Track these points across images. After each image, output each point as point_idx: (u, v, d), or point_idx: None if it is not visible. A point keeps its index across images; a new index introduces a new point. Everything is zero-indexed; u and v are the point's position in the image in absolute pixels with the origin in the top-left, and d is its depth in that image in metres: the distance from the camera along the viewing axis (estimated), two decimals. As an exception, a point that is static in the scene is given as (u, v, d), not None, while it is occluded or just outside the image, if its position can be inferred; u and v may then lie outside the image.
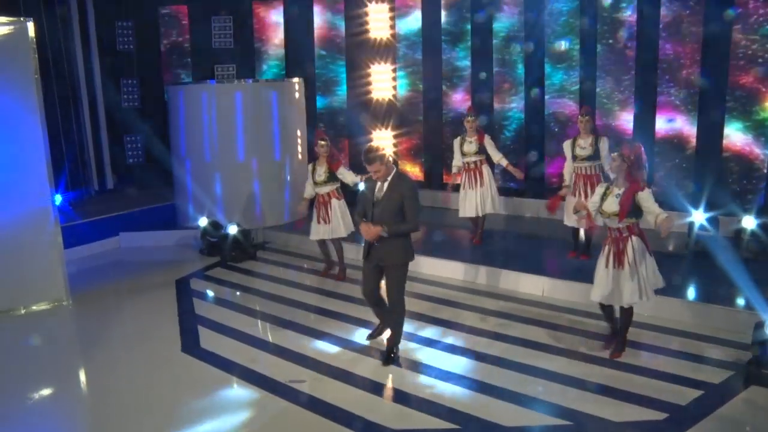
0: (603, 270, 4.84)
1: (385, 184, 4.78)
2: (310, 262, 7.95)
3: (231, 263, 8.03)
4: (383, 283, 5.06)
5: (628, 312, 4.92)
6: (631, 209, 4.65)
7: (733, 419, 4.12)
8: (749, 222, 6.54)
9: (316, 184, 6.90)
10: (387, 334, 5.22)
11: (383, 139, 10.63)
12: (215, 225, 8.45)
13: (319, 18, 10.55)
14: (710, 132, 7.73)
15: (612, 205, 4.73)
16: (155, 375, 5.10)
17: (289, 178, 9.41)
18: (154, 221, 9.49)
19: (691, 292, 5.94)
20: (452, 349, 5.29)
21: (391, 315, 5.09)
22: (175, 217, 9.63)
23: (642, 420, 4.10)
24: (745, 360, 4.70)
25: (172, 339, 5.73)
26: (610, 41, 8.35)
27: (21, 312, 6.46)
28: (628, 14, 8.21)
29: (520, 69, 9.25)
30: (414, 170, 10.38)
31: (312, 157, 7.06)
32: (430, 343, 5.43)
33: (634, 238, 4.73)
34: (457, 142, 7.54)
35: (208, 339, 5.71)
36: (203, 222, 8.46)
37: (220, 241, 8.34)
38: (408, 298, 5.17)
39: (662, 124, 8.09)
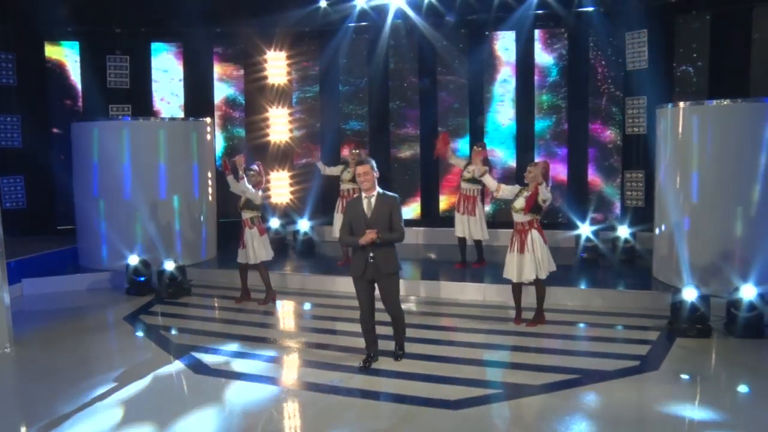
0: (509, 255, 6.33)
1: (373, 200, 5.17)
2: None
3: (169, 300, 7.84)
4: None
5: (540, 288, 6.36)
6: (534, 205, 6.10)
7: (683, 357, 5.63)
8: (623, 231, 8.49)
9: (239, 207, 7.38)
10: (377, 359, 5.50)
11: (280, 180, 11.18)
12: (145, 263, 8.19)
13: (219, 61, 10.91)
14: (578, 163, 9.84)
15: (520, 202, 6.21)
16: (201, 402, 4.87)
17: (202, 218, 9.42)
18: (54, 266, 8.78)
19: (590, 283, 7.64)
20: (436, 342, 6.09)
21: (396, 322, 5.52)
22: (78, 261, 8.99)
23: (626, 367, 5.35)
24: (662, 325, 6.31)
25: (174, 367, 5.60)
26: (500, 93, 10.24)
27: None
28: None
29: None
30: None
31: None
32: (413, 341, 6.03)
33: (534, 231, 6.23)
34: (339, 167, 8.76)
35: (215, 361, 5.71)
36: (133, 260, 8.13)
37: (149, 279, 8.11)
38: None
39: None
